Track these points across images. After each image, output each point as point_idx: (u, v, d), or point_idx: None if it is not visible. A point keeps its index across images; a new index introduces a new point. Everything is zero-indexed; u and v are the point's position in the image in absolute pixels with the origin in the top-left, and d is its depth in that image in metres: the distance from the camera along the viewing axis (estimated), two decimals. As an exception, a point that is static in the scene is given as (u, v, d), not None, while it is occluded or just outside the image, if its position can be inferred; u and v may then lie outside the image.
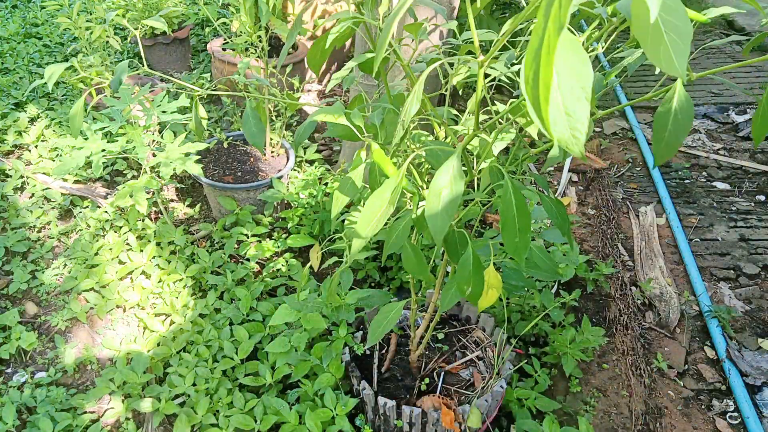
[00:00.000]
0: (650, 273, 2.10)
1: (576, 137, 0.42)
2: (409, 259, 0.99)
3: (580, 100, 0.41)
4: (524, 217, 0.74)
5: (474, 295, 0.87)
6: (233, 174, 2.32)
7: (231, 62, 2.79)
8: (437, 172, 0.69)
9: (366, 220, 0.77)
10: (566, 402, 1.70)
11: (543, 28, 0.38)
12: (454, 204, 0.67)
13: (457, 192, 0.67)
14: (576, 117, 0.42)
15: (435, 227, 0.68)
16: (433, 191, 0.68)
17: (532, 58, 0.40)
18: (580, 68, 0.41)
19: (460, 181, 0.68)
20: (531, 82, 0.40)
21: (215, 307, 1.89)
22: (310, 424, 1.43)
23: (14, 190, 2.48)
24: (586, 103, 0.41)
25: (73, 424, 1.59)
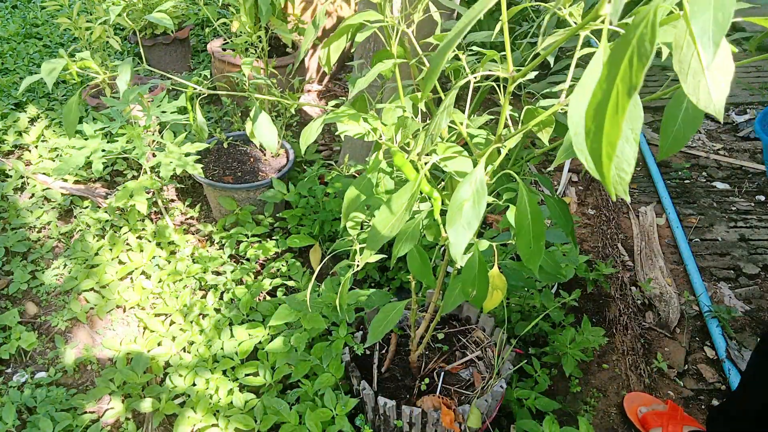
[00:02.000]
0: (650, 273, 2.10)
1: (622, 177, 0.42)
2: (414, 260, 0.99)
3: (629, 141, 0.41)
4: (539, 225, 0.74)
5: (478, 298, 0.87)
6: (233, 174, 2.32)
7: (231, 62, 2.79)
8: (460, 184, 0.67)
9: (386, 221, 0.77)
10: (566, 402, 1.70)
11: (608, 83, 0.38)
12: (477, 218, 0.65)
13: (480, 206, 0.66)
14: (623, 158, 0.42)
15: (456, 242, 0.66)
16: (455, 204, 0.66)
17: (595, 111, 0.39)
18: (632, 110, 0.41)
19: (483, 196, 0.66)
20: (592, 135, 0.40)
21: (215, 307, 1.89)
22: (310, 424, 1.44)
23: (14, 191, 2.48)
24: (634, 145, 0.41)
25: (73, 424, 1.59)
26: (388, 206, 0.77)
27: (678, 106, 0.63)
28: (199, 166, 2.01)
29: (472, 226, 0.66)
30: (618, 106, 0.38)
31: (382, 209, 0.78)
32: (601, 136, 0.39)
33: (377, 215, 0.78)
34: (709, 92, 0.47)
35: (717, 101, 0.47)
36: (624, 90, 0.37)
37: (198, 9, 3.64)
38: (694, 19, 0.40)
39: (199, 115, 1.00)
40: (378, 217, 0.78)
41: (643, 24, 0.37)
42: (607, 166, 0.40)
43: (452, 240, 0.66)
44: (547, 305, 1.78)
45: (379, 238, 0.78)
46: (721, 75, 0.47)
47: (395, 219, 0.76)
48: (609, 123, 0.38)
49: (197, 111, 1.00)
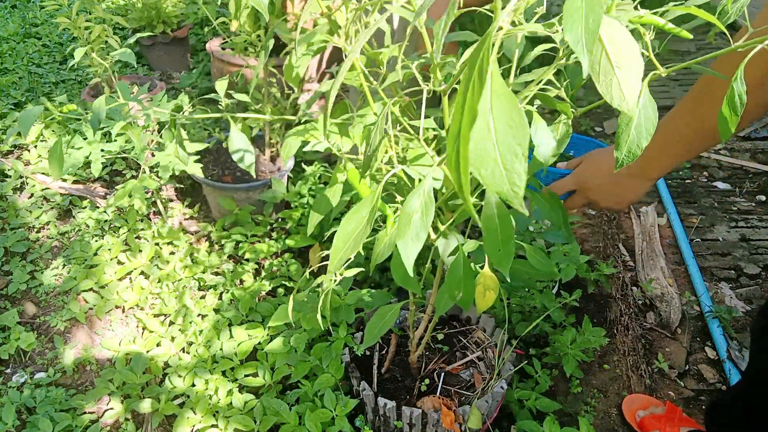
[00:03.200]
0: (651, 273, 2.10)
1: (515, 191, 0.43)
2: (399, 270, 0.98)
3: (517, 156, 0.43)
4: (506, 228, 0.73)
5: (465, 300, 0.87)
6: (232, 174, 2.32)
7: (230, 62, 2.78)
8: (409, 195, 0.67)
9: (341, 243, 0.76)
10: (567, 402, 1.70)
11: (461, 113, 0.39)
12: (425, 229, 0.65)
13: (428, 217, 0.65)
14: (514, 172, 0.43)
15: (405, 253, 0.66)
16: (405, 216, 0.66)
17: (453, 141, 0.41)
18: (517, 125, 0.42)
19: (431, 207, 0.66)
20: (453, 163, 0.42)
21: (214, 307, 1.89)
22: (310, 424, 1.43)
23: (13, 191, 2.47)
24: (522, 159, 0.43)
25: (73, 424, 1.58)
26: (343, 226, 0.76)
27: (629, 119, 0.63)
28: (199, 166, 2.01)
29: (421, 237, 0.66)
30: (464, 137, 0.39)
31: (339, 230, 0.77)
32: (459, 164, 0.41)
33: (335, 237, 0.77)
34: (621, 90, 0.48)
35: (630, 98, 0.48)
36: (467, 122, 0.38)
37: (197, 8, 3.63)
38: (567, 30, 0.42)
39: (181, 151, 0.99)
40: (335, 239, 0.77)
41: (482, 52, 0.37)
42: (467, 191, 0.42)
43: (401, 251, 0.66)
44: (548, 306, 1.77)
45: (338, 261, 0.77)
46: (630, 73, 0.48)
47: (354, 237, 0.75)
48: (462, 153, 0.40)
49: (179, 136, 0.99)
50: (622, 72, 0.48)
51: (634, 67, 0.48)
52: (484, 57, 0.37)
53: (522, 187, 0.43)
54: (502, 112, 0.41)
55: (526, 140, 0.42)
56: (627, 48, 0.48)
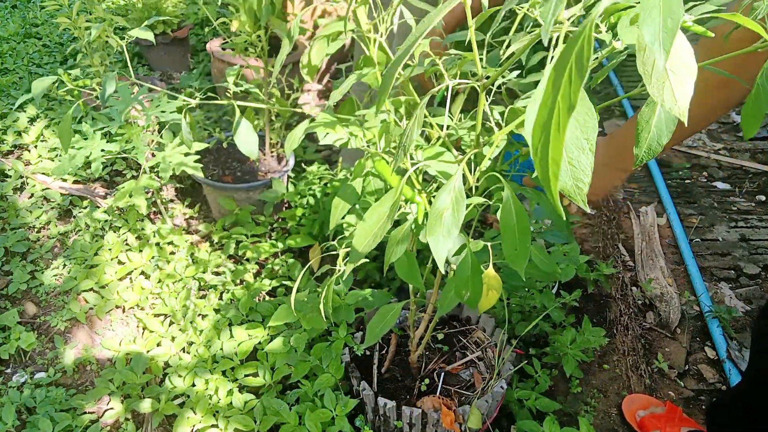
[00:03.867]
0: (651, 273, 2.10)
1: (579, 187, 0.42)
2: (403, 265, 0.98)
3: (584, 151, 0.42)
4: (524, 226, 0.73)
5: (472, 299, 0.87)
6: (233, 174, 2.32)
7: (230, 62, 2.78)
8: (438, 192, 0.67)
9: (363, 236, 0.76)
10: (567, 402, 1.70)
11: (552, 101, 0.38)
12: (456, 226, 0.65)
13: (460, 213, 0.65)
14: (580, 168, 0.42)
15: (437, 250, 0.66)
16: (435, 212, 0.66)
17: (541, 130, 0.39)
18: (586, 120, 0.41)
19: (462, 203, 0.66)
20: (539, 154, 0.40)
21: (214, 307, 1.89)
22: (310, 424, 1.43)
23: (14, 191, 2.47)
24: (590, 155, 0.42)
25: (73, 424, 1.58)
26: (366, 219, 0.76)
27: (651, 112, 0.63)
28: (199, 166, 2.01)
29: (452, 233, 0.66)
30: (560, 125, 0.38)
31: (360, 223, 0.77)
32: (548, 154, 0.39)
33: (357, 229, 0.77)
34: (673, 93, 0.48)
35: (681, 102, 0.48)
36: (564, 108, 0.37)
37: (197, 8, 3.64)
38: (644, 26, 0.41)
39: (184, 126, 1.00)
40: (357, 232, 0.77)
41: (581, 39, 0.36)
42: (554, 183, 0.40)
43: (433, 249, 0.66)
44: (548, 305, 1.77)
45: (358, 254, 0.77)
46: (684, 76, 0.47)
47: (375, 231, 0.76)
48: (553, 142, 0.38)
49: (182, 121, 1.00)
50: (675, 77, 0.47)
51: (688, 73, 0.47)
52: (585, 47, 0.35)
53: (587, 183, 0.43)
54: None
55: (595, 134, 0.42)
56: (682, 52, 0.47)
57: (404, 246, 0.83)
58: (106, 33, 2.01)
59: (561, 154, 0.38)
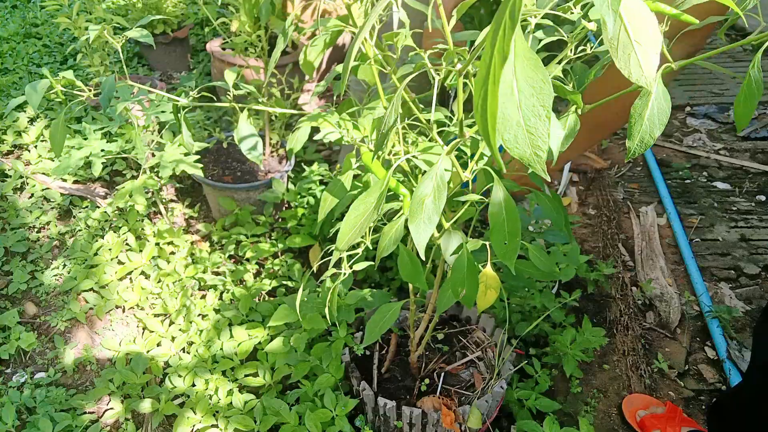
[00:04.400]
0: (651, 273, 2.10)
1: (538, 155, 0.43)
2: (405, 264, 0.98)
3: (540, 117, 0.42)
4: (513, 221, 0.73)
5: (468, 297, 0.87)
6: (233, 174, 2.32)
7: (230, 62, 2.78)
8: (421, 179, 0.68)
9: (348, 228, 0.76)
10: (567, 402, 1.70)
11: (490, 56, 0.39)
12: (437, 212, 0.66)
13: (441, 200, 0.67)
14: (537, 134, 0.43)
15: (418, 236, 0.67)
16: (416, 199, 0.67)
17: (480, 87, 0.41)
18: (541, 86, 0.42)
19: (443, 191, 0.67)
20: (480, 110, 0.41)
21: (214, 307, 1.89)
22: (310, 424, 1.43)
23: (14, 191, 2.47)
24: (546, 121, 0.42)
25: (73, 424, 1.58)
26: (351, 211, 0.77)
27: (644, 105, 0.63)
28: (199, 166, 2.01)
29: (433, 220, 0.67)
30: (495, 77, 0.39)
31: (348, 213, 0.77)
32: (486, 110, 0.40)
33: (343, 221, 0.78)
34: (639, 64, 0.48)
35: (648, 72, 0.48)
36: (499, 61, 0.38)
37: (197, 8, 3.64)
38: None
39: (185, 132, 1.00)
40: (342, 224, 0.78)
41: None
42: (493, 137, 0.41)
43: (414, 235, 0.67)
44: (548, 305, 1.77)
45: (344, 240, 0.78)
46: (649, 47, 0.48)
47: (361, 222, 0.76)
48: (490, 95, 0.39)
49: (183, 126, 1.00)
50: (641, 47, 0.48)
51: (653, 43, 0.48)
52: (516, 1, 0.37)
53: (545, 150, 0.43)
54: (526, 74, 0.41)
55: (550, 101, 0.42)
56: (646, 23, 0.48)
57: (397, 241, 0.83)
58: (105, 33, 2.01)
59: (497, 107, 0.40)
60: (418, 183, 0.68)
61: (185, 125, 0.99)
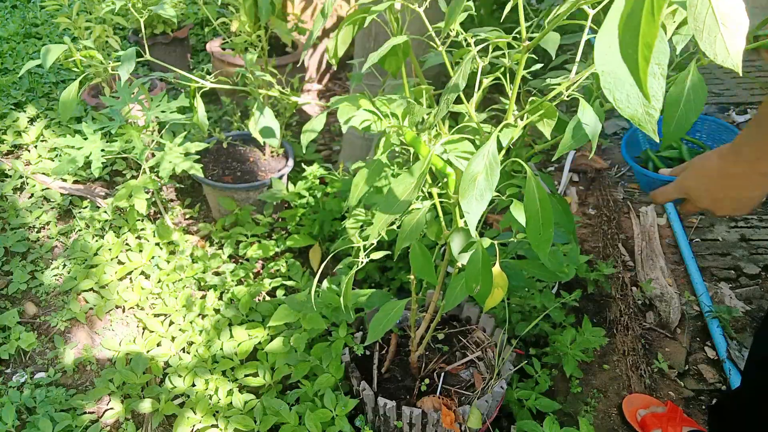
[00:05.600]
0: (651, 273, 2.10)
1: (650, 114, 0.42)
2: (417, 258, 0.99)
3: (656, 77, 0.41)
4: (547, 212, 0.74)
5: (482, 293, 0.87)
6: (233, 174, 2.32)
7: (231, 62, 2.78)
8: (473, 156, 0.68)
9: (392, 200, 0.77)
10: (567, 402, 1.70)
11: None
12: (490, 189, 0.66)
13: (493, 179, 0.67)
14: (652, 94, 0.41)
15: (470, 213, 0.67)
16: (468, 176, 0.67)
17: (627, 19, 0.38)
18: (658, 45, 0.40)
19: (496, 168, 0.67)
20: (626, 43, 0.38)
21: (215, 307, 1.89)
22: (310, 424, 1.43)
23: (13, 191, 2.47)
24: (662, 80, 0.41)
25: (73, 424, 1.58)
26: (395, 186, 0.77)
27: (680, 92, 0.63)
28: (199, 166, 2.01)
29: (485, 197, 0.67)
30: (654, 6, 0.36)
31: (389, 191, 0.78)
32: (637, 39, 0.37)
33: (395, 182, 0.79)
34: (726, 46, 0.47)
35: (734, 54, 0.47)
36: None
37: (197, 8, 3.64)
38: None
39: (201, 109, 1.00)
40: (386, 196, 0.78)
41: None
42: (644, 68, 0.38)
43: (466, 210, 0.67)
44: (548, 305, 1.77)
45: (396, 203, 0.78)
46: (736, 28, 0.47)
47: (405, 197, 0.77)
48: (645, 23, 0.36)
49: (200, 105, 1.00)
50: (727, 29, 0.46)
51: (740, 25, 0.47)
52: None
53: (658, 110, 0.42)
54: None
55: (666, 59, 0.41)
56: (734, 5, 0.47)
57: (416, 233, 0.84)
58: (105, 32, 2.01)
59: (656, 33, 0.36)
60: (470, 160, 0.68)
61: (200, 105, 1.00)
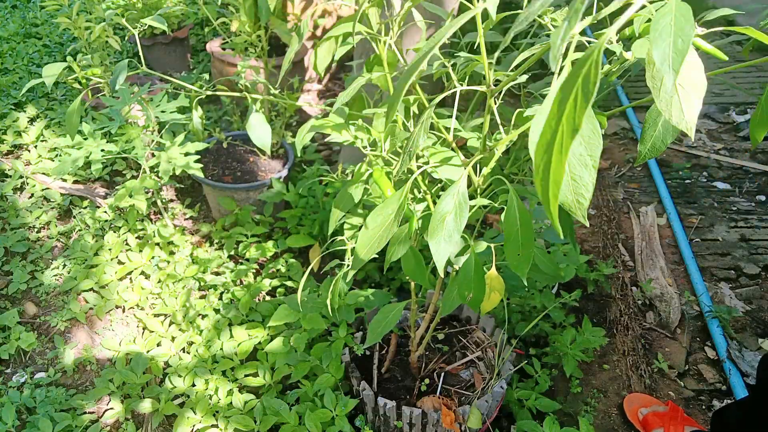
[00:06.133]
0: (651, 273, 2.10)
1: (580, 202, 0.43)
2: (409, 262, 0.99)
3: (587, 167, 0.42)
4: (527, 231, 0.73)
5: (475, 300, 0.87)
6: (232, 174, 2.32)
7: (230, 62, 2.78)
8: (443, 195, 0.67)
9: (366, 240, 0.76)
10: (567, 402, 1.70)
11: (556, 122, 0.38)
12: (458, 230, 0.66)
13: (462, 218, 0.66)
14: (581, 183, 0.42)
15: (438, 254, 0.66)
16: (437, 216, 0.66)
17: (544, 150, 0.39)
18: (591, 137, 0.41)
19: (465, 208, 0.66)
20: (541, 173, 0.40)
21: (214, 307, 1.89)
22: (310, 424, 1.43)
23: (14, 191, 2.47)
24: (593, 171, 0.42)
25: (73, 424, 1.58)
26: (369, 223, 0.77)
27: (659, 112, 0.63)
28: (199, 166, 2.01)
29: (454, 238, 0.66)
30: (562, 146, 0.37)
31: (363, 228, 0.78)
32: (549, 175, 0.39)
33: (360, 234, 0.78)
34: (681, 109, 0.48)
35: (689, 118, 0.48)
36: (568, 130, 0.37)
37: (197, 8, 3.63)
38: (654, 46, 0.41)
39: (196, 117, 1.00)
40: (360, 237, 0.78)
41: (588, 63, 0.36)
42: (554, 204, 0.39)
43: (434, 252, 0.67)
44: (548, 305, 1.77)
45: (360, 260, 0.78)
46: (693, 92, 0.48)
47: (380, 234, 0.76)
48: (554, 163, 0.38)
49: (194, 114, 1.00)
50: (684, 92, 0.47)
51: (697, 88, 0.47)
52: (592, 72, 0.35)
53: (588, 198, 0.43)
54: None
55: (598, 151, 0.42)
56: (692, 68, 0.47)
57: (406, 246, 0.83)
58: (105, 33, 2.01)
59: (562, 175, 0.38)
60: (439, 199, 0.67)
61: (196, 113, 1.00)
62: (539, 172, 0.40)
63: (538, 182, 0.40)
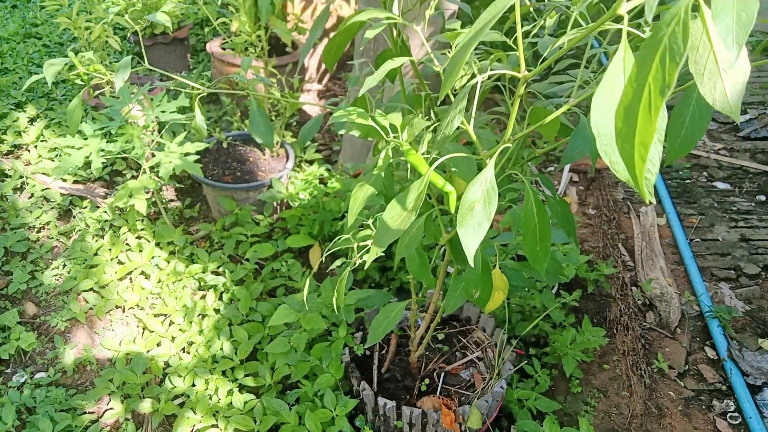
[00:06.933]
0: (651, 273, 2.10)
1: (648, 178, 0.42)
2: (413, 261, 0.98)
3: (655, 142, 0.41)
4: (545, 226, 0.74)
5: (482, 298, 0.87)
6: (233, 174, 2.32)
7: (230, 62, 2.78)
8: (470, 184, 0.66)
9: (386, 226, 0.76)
10: (567, 402, 1.70)
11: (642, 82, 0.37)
12: (488, 218, 0.64)
13: (491, 206, 0.64)
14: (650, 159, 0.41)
15: (467, 243, 0.65)
16: (465, 205, 0.65)
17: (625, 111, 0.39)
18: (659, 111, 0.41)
19: (494, 196, 0.65)
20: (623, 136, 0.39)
21: (215, 307, 1.89)
22: (310, 424, 1.43)
23: (14, 191, 2.47)
24: (659, 145, 0.41)
25: (73, 424, 1.58)
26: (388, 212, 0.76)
27: (685, 109, 0.63)
28: (199, 166, 2.01)
29: (483, 226, 0.65)
30: (651, 105, 0.37)
31: (391, 205, 0.77)
32: (634, 136, 0.38)
33: (386, 211, 0.77)
34: (725, 93, 0.47)
35: (733, 102, 0.47)
36: (656, 89, 0.37)
37: (197, 8, 3.63)
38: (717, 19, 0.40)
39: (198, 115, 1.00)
40: (387, 213, 0.77)
41: (674, 22, 0.36)
42: (640, 167, 0.39)
43: (463, 241, 0.65)
44: (548, 305, 1.77)
45: (389, 233, 0.76)
46: (737, 76, 0.47)
47: (406, 214, 0.75)
48: (642, 123, 0.38)
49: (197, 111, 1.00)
50: (727, 76, 0.47)
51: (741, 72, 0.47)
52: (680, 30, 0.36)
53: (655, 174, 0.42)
54: None
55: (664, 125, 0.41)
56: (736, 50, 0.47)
57: (417, 242, 0.83)
58: (105, 33, 2.01)
59: (652, 136, 0.38)
60: (467, 187, 0.67)
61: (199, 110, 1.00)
62: (621, 136, 0.40)
63: (620, 147, 0.40)
